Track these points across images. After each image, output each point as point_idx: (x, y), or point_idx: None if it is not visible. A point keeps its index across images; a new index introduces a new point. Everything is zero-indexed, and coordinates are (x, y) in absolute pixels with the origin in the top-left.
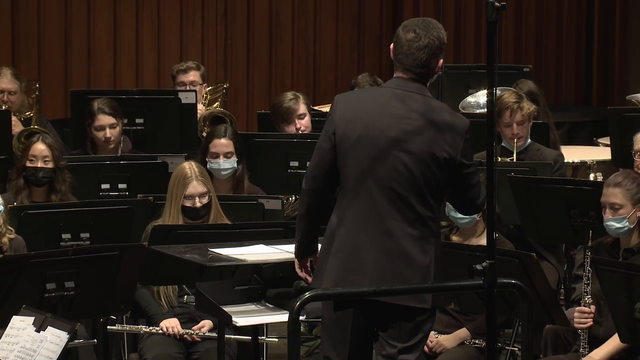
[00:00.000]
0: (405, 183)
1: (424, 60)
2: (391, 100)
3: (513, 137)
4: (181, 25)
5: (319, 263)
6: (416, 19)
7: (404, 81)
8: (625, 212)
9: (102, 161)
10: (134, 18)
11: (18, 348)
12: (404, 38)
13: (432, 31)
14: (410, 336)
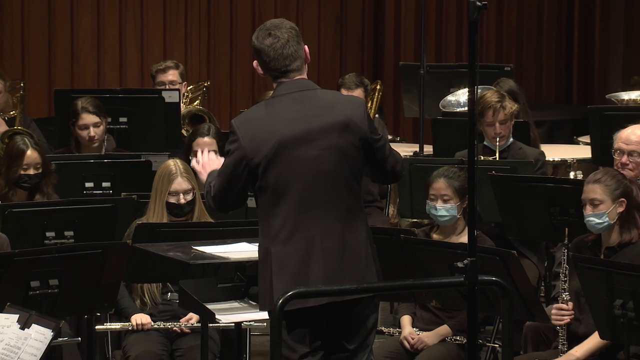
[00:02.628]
0: (332, 179)
1: (295, 52)
2: (291, 106)
3: (496, 136)
4: (164, 25)
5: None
6: (259, 28)
7: (291, 84)
8: (605, 208)
9: (86, 160)
10: (118, 18)
11: (2, 345)
12: (265, 47)
13: (283, 27)
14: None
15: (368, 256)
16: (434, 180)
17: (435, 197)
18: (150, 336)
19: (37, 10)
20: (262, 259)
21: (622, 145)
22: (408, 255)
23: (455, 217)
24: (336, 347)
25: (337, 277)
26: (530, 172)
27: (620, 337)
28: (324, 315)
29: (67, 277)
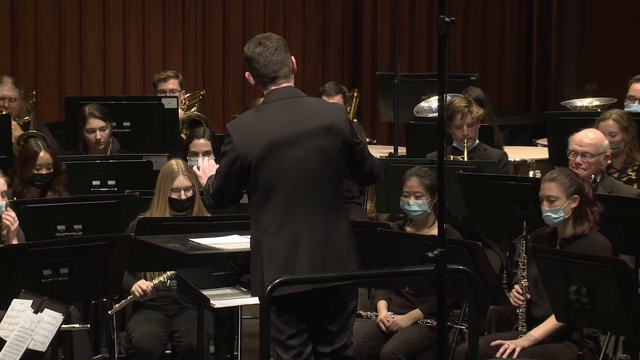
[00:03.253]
0: (317, 178)
1: (283, 59)
2: (280, 111)
3: (463, 138)
4: (164, 37)
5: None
6: (251, 40)
7: (280, 91)
8: (560, 204)
9: (93, 160)
10: (122, 31)
11: (18, 328)
12: (255, 55)
13: (271, 38)
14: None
15: (349, 248)
16: (408, 178)
17: (408, 194)
18: (151, 319)
19: (48, 24)
20: (254, 249)
21: (576, 147)
22: (384, 246)
23: (426, 212)
24: (320, 329)
25: (321, 266)
26: (494, 171)
27: (575, 319)
28: (309, 301)
29: (76, 266)
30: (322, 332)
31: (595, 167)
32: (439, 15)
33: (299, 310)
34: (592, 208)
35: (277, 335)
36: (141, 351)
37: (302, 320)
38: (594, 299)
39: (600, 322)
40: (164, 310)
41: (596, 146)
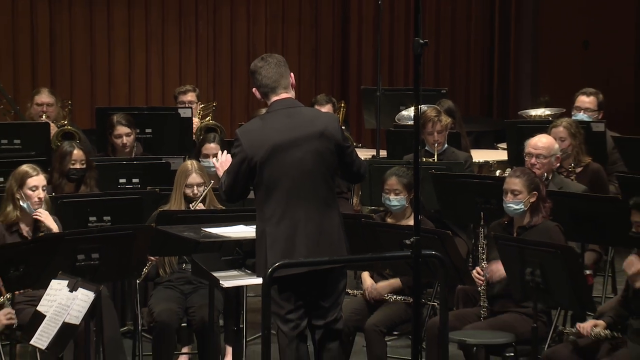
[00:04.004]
0: (313, 175)
1: (283, 72)
2: (281, 119)
3: (434, 143)
4: (180, 57)
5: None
6: (257, 58)
7: (281, 102)
8: (522, 197)
9: (120, 161)
10: (144, 51)
11: (56, 304)
12: (258, 69)
13: (273, 56)
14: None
15: (339, 236)
16: (388, 177)
17: (389, 191)
18: (169, 297)
19: (81, 46)
20: (259, 237)
21: (531, 150)
22: (368, 235)
23: (404, 206)
24: (314, 305)
25: (316, 252)
26: (461, 170)
27: (530, 297)
28: (305, 281)
29: (105, 251)
30: (316, 307)
31: (547, 167)
32: (414, 38)
33: (296, 289)
34: (545, 203)
35: (278, 310)
36: (161, 324)
37: (299, 297)
38: (546, 280)
39: (551, 299)
40: (180, 289)
41: (548, 149)
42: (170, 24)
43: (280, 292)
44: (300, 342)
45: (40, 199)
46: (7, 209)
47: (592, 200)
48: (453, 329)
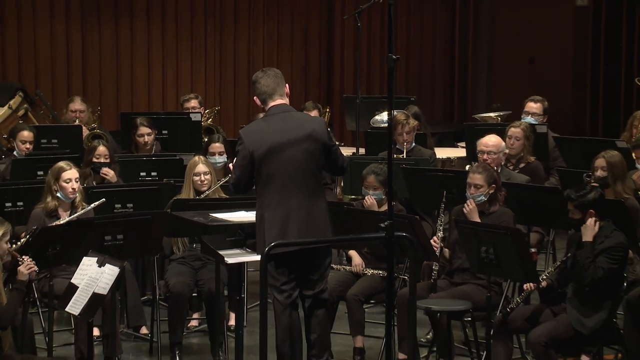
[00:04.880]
0: (304, 169)
1: (279, 82)
2: (277, 122)
3: (403, 142)
4: (191, 70)
5: (259, 239)
6: (258, 71)
7: (277, 107)
8: (483, 190)
9: (141, 158)
10: (161, 66)
11: (87, 278)
12: (258, 79)
13: (271, 69)
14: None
15: (326, 221)
16: (367, 175)
17: (368, 187)
18: (182, 271)
19: (108, 61)
20: (258, 221)
21: (483, 148)
22: (349, 219)
23: (381, 198)
24: (304, 278)
25: (306, 234)
26: (427, 165)
27: (484, 271)
28: (297, 258)
29: (128, 233)
30: (306, 280)
31: (496, 161)
32: (388, 54)
33: (289, 265)
34: (500, 193)
35: (274, 282)
36: (175, 294)
37: (291, 271)
38: (498, 256)
39: (502, 273)
40: (191, 265)
41: (497, 146)
42: (183, 43)
43: (275, 267)
44: (292, 309)
45: (74, 189)
46: (47, 199)
47: (536, 190)
48: (420, 298)
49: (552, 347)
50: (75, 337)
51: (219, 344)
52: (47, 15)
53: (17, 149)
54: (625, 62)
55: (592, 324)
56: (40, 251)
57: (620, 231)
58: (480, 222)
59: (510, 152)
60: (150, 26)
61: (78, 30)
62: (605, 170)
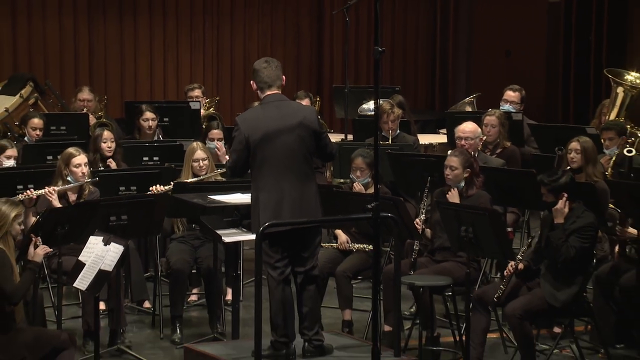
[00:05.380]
0: (296, 155)
1: (278, 75)
2: (272, 110)
3: (389, 130)
4: (191, 62)
5: (254, 219)
6: (260, 59)
7: (272, 96)
8: (458, 172)
9: (143, 143)
10: (162, 58)
11: (93, 255)
12: (261, 68)
13: (274, 60)
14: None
15: (316, 202)
16: (355, 158)
17: (356, 169)
18: (182, 249)
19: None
20: (254, 202)
21: (460, 134)
22: (338, 201)
23: (368, 182)
24: (296, 256)
25: (298, 214)
26: (410, 150)
27: (464, 249)
28: (289, 236)
29: (132, 214)
30: (298, 257)
31: (473, 146)
32: (374, 47)
33: (282, 243)
34: (478, 177)
35: (268, 259)
36: (176, 271)
37: (284, 249)
38: (477, 235)
39: (481, 251)
40: (191, 244)
41: (473, 133)
42: (183, 38)
43: (270, 245)
44: (285, 285)
45: (84, 173)
46: (58, 183)
47: (511, 173)
48: (404, 274)
49: (526, 319)
50: (83, 311)
51: (216, 317)
52: (55, 11)
53: (28, 135)
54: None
55: (564, 297)
56: (50, 231)
57: (591, 212)
58: (460, 204)
59: (487, 138)
60: (152, 22)
61: (85, 25)
62: (578, 153)
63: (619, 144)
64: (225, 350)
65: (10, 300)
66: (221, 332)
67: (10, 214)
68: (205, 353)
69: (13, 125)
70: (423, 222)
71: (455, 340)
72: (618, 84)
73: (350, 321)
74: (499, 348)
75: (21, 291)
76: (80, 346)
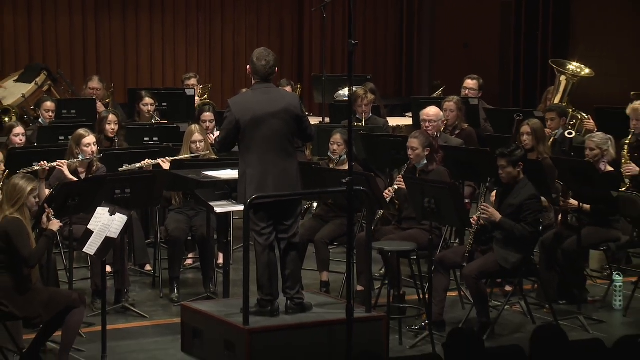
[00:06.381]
0: (280, 135)
1: (273, 72)
2: (261, 95)
3: (362, 113)
4: (186, 54)
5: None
6: (262, 50)
7: (263, 84)
8: (419, 152)
9: (144, 125)
10: (161, 50)
11: (100, 224)
12: (264, 61)
13: (272, 55)
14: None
15: (297, 177)
16: (335, 134)
17: (333, 143)
18: (179, 219)
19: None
20: (241, 176)
21: (424, 117)
22: (317, 176)
23: (344, 158)
24: (280, 224)
25: (281, 188)
26: (381, 131)
27: (427, 218)
28: (273, 207)
29: (134, 188)
30: (281, 226)
31: (436, 128)
32: (348, 40)
33: (267, 213)
34: (437, 154)
35: (255, 227)
36: (174, 238)
37: (269, 218)
38: (438, 206)
39: (442, 220)
40: (187, 214)
41: (436, 116)
42: (180, 31)
43: (256, 215)
44: (270, 250)
45: (93, 151)
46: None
47: (469, 151)
48: (375, 240)
49: (481, 279)
50: (91, 273)
51: (209, 278)
52: (66, 9)
53: (42, 117)
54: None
55: (514, 260)
56: (62, 202)
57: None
58: (424, 178)
59: (448, 121)
60: (152, 18)
61: (92, 21)
62: (530, 135)
63: (560, 124)
64: (217, 307)
65: (27, 264)
66: (214, 292)
67: (26, 188)
68: (199, 310)
69: (29, 109)
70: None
71: (420, 298)
72: (561, 72)
73: (327, 282)
74: (457, 305)
75: (37, 256)
76: (89, 304)
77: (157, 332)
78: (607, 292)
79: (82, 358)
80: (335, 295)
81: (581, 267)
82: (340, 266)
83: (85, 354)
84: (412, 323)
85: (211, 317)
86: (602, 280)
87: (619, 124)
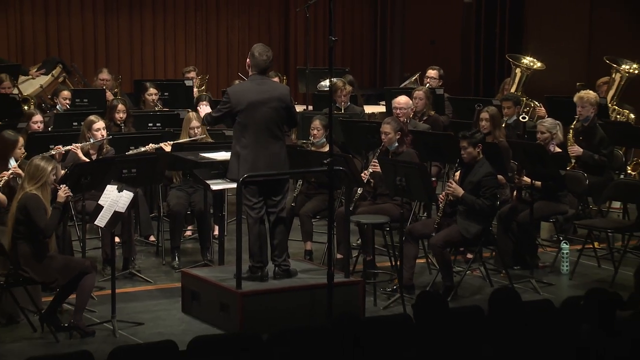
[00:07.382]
0: (271, 122)
1: (271, 66)
2: (255, 86)
3: (341, 102)
4: (185, 49)
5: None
6: (261, 46)
7: (259, 76)
8: (392, 136)
9: (148, 113)
10: (163, 46)
11: (109, 200)
12: (264, 56)
13: (270, 51)
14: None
15: (284, 158)
16: (314, 120)
17: (313, 129)
18: (179, 195)
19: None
20: (234, 157)
21: (396, 105)
22: (301, 157)
23: (324, 142)
24: (269, 200)
25: (270, 168)
26: (358, 118)
27: (399, 194)
28: (263, 185)
29: (140, 168)
30: (271, 201)
31: (406, 115)
32: (329, 36)
33: (259, 190)
34: (407, 138)
35: (247, 202)
36: (175, 212)
37: (260, 195)
38: (409, 183)
39: (412, 196)
40: (186, 191)
41: (406, 104)
42: (179, 30)
43: (248, 191)
44: (261, 223)
45: (103, 135)
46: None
47: (435, 135)
48: (352, 213)
49: (446, 248)
50: (102, 243)
51: (206, 248)
52: (79, 9)
53: (60, 104)
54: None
55: (474, 230)
56: (75, 180)
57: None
58: (396, 159)
59: (416, 108)
60: (155, 18)
61: (102, 20)
62: (488, 121)
63: (515, 112)
64: (213, 273)
65: (44, 234)
66: (210, 260)
67: (47, 168)
68: (197, 276)
69: (46, 98)
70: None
71: (392, 265)
72: (516, 66)
73: (310, 251)
74: (425, 270)
75: (51, 226)
76: (100, 270)
77: (160, 295)
78: (556, 258)
79: (94, 317)
80: (317, 262)
81: (533, 236)
82: (322, 237)
83: (96, 314)
84: (386, 287)
85: (208, 281)
86: (551, 248)
87: (566, 111)
